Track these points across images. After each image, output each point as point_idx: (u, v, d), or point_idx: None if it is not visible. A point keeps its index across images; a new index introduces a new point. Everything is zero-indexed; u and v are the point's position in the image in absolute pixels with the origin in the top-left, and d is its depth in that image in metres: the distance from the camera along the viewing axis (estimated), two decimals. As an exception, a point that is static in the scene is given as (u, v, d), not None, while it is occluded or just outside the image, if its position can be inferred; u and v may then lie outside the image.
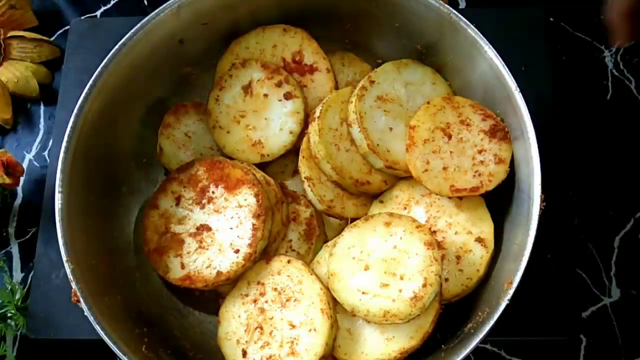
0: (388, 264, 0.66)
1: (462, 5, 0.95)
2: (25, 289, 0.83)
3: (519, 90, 0.67)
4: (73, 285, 0.66)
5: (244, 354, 0.68)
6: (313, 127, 0.74)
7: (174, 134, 0.80)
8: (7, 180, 0.81)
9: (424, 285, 0.64)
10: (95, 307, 0.65)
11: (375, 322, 0.66)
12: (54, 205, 0.68)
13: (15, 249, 0.87)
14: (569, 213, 0.79)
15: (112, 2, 1.00)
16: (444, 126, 0.72)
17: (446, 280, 0.69)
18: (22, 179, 0.87)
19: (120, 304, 0.71)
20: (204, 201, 0.72)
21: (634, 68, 0.89)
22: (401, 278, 0.65)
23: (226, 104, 0.78)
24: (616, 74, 0.89)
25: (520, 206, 0.68)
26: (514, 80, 0.67)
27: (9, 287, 0.82)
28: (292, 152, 0.78)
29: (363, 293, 0.66)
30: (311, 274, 0.69)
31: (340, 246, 0.69)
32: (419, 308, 0.64)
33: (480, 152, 0.71)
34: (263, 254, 0.71)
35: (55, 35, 0.99)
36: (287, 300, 0.68)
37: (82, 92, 0.71)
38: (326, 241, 0.75)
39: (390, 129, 0.73)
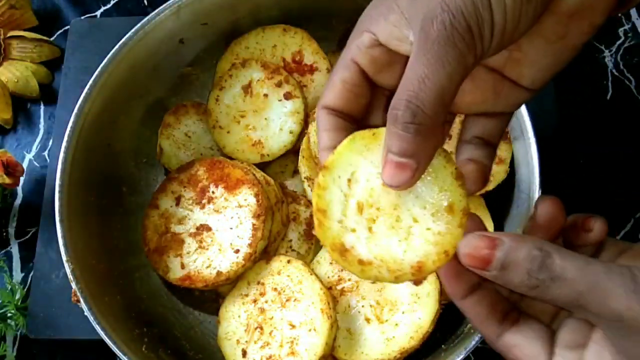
0: None
1: (462, 5, 0.95)
2: (25, 289, 0.83)
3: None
4: (73, 285, 0.65)
5: (244, 354, 0.68)
6: (313, 127, 0.74)
7: (174, 134, 0.80)
8: (7, 180, 0.81)
9: None
10: (95, 307, 0.65)
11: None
12: (54, 205, 0.68)
13: (15, 249, 0.87)
14: (569, 213, 0.79)
15: (112, 2, 1.00)
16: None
17: (446, 280, 0.69)
18: (22, 179, 0.87)
19: (120, 304, 0.71)
20: (204, 201, 0.72)
21: (634, 68, 0.89)
22: None
23: (226, 104, 0.78)
24: (616, 74, 0.89)
25: (520, 206, 0.68)
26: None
27: (9, 287, 0.82)
28: (292, 152, 0.78)
29: None
30: (311, 274, 0.69)
31: None
32: None
33: (480, 152, 0.71)
34: (263, 254, 0.71)
35: (55, 35, 0.99)
36: (287, 300, 0.68)
37: (82, 92, 0.71)
38: (326, 241, 0.75)
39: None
